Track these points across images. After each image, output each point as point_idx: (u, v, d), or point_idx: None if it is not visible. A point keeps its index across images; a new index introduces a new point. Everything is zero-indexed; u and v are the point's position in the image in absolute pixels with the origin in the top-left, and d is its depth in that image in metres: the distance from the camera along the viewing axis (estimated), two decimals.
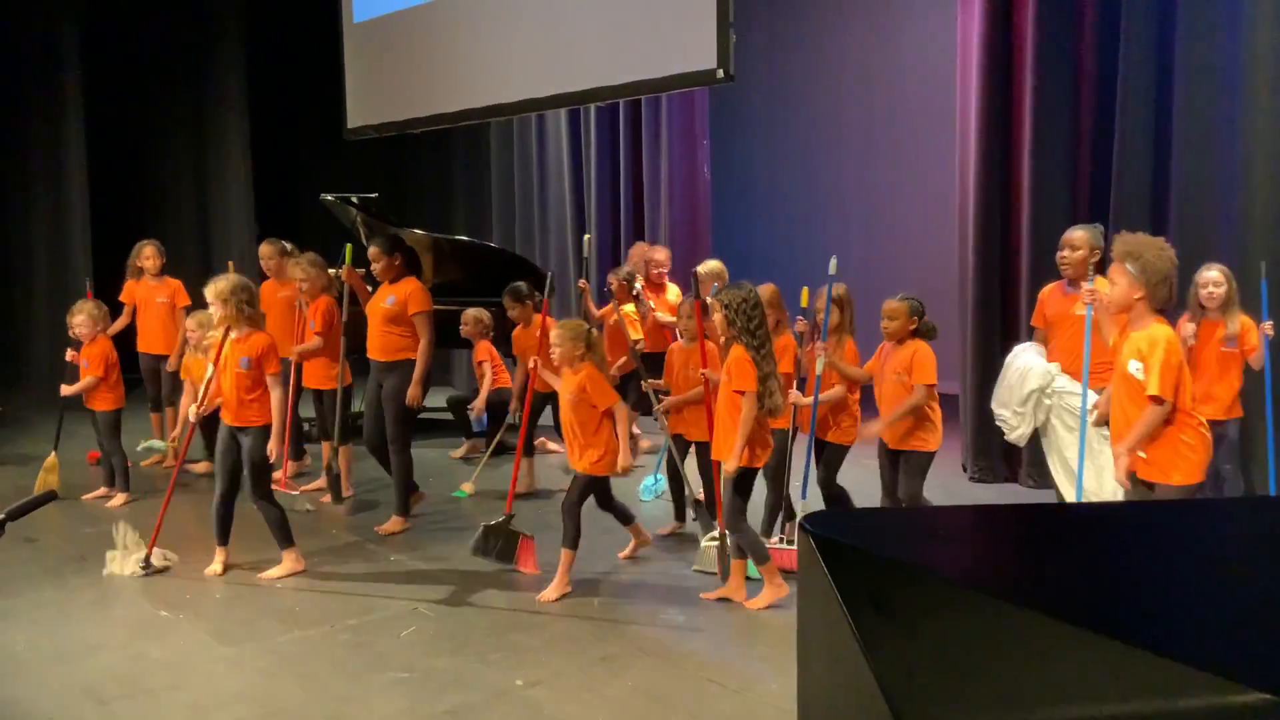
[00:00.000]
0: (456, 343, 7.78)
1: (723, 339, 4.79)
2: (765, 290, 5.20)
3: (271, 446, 5.14)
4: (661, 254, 7.08)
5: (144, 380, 7.56)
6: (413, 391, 5.92)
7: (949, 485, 6.58)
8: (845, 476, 5.38)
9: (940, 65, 8.46)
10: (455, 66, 9.03)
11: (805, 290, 5.49)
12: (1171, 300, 4.04)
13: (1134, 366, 3.89)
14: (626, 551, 5.43)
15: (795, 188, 10.85)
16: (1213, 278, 5.06)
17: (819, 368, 5.15)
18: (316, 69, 10.95)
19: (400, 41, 9.63)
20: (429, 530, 6.04)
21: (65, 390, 6.58)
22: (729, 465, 4.65)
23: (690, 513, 5.76)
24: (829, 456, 5.32)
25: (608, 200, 9.75)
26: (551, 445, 7.58)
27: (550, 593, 4.87)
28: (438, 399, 7.97)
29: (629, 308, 7.02)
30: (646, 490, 6.61)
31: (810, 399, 5.20)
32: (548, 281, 5.92)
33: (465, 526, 5.94)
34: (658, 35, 7.27)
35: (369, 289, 6.48)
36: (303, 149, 12.03)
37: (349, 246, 6.52)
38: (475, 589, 5.01)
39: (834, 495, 5.33)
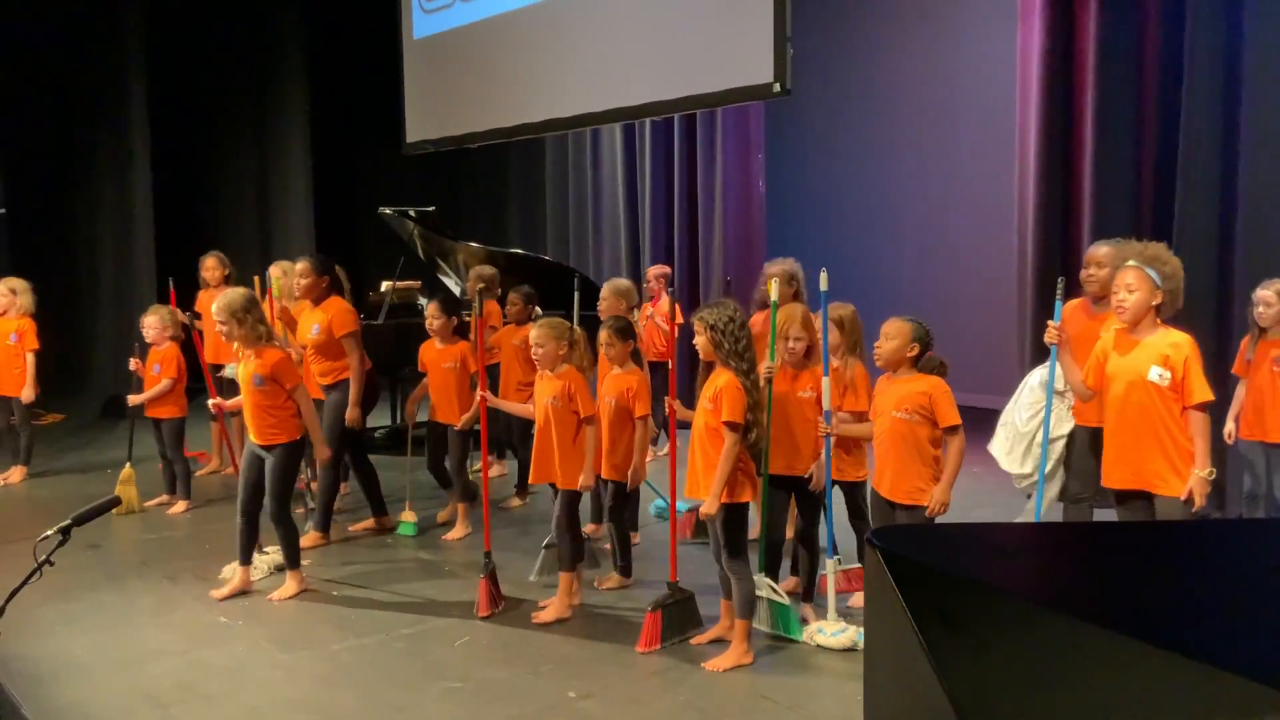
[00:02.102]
0: None
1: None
2: (796, 309, 4.69)
3: (320, 452, 5.14)
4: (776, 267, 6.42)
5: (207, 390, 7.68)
6: (351, 414, 5.82)
7: (1007, 504, 6.48)
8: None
9: (999, 78, 8.39)
10: (512, 82, 9.12)
11: (824, 274, 4.68)
12: (1177, 308, 3.92)
13: (1156, 373, 3.76)
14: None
15: (850, 202, 10.79)
16: (1264, 295, 4.89)
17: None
18: (376, 85, 11.11)
19: (458, 58, 9.74)
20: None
21: (134, 399, 6.70)
22: (709, 506, 4.15)
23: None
24: (814, 501, 4.68)
25: (662, 213, 9.77)
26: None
27: (547, 614, 4.71)
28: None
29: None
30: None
31: (856, 426, 4.60)
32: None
33: (522, 540, 5.97)
34: (714, 49, 7.29)
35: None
36: (362, 163, 12.21)
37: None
38: (528, 600, 5.02)
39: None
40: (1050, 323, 4.24)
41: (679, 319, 7.52)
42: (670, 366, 5.41)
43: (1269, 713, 1.07)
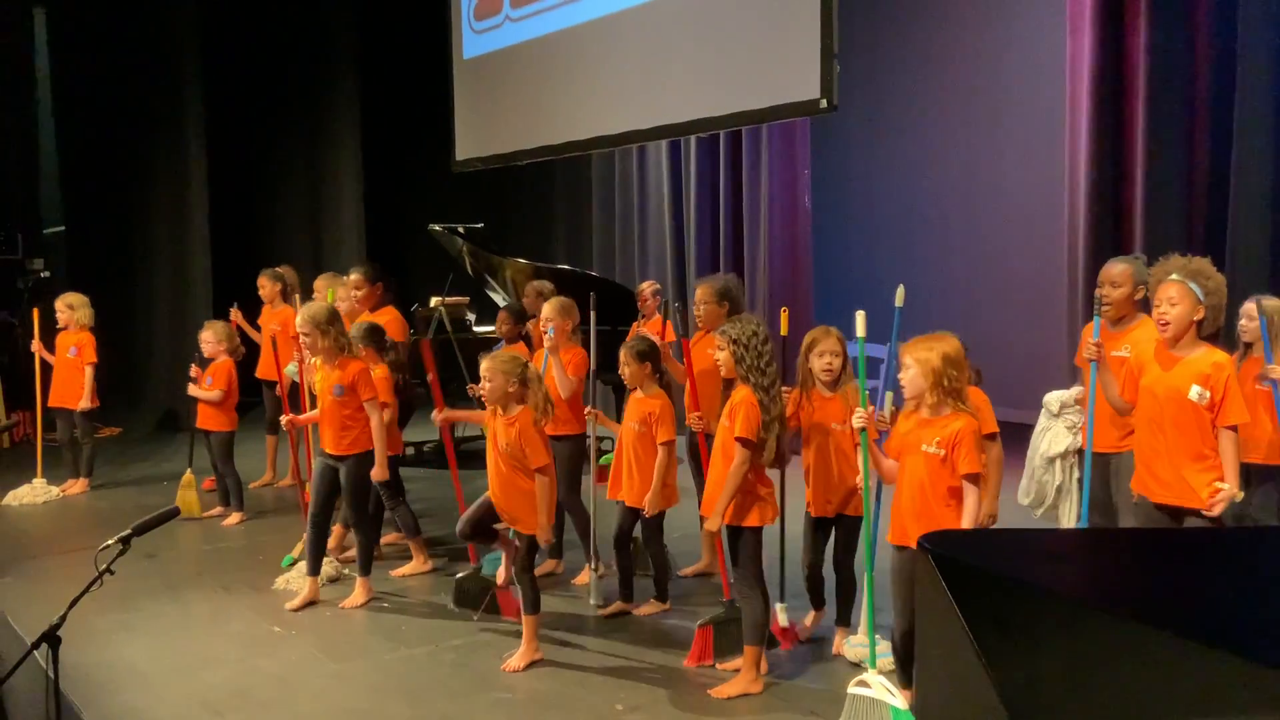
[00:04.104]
0: None
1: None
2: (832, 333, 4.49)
3: (378, 472, 5.13)
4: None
5: (264, 404, 7.86)
6: None
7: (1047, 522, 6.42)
8: None
9: (1047, 91, 8.34)
10: (559, 100, 9.21)
11: (900, 290, 4.55)
12: (1218, 326, 3.85)
13: (1196, 392, 3.69)
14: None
15: (897, 217, 10.75)
16: (1249, 309, 4.64)
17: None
18: (427, 104, 11.27)
19: (507, 77, 9.85)
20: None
21: (191, 390, 6.84)
22: (710, 523, 4.07)
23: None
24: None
25: (707, 229, 9.79)
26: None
27: (517, 660, 4.44)
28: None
29: None
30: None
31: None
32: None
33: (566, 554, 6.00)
34: (761, 66, 7.31)
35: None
36: (412, 181, 12.37)
37: None
38: (578, 612, 5.05)
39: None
40: (1090, 339, 4.15)
41: (671, 336, 7.45)
42: (690, 383, 5.10)
43: None
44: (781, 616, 4.61)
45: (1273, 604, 1.37)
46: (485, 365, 4.43)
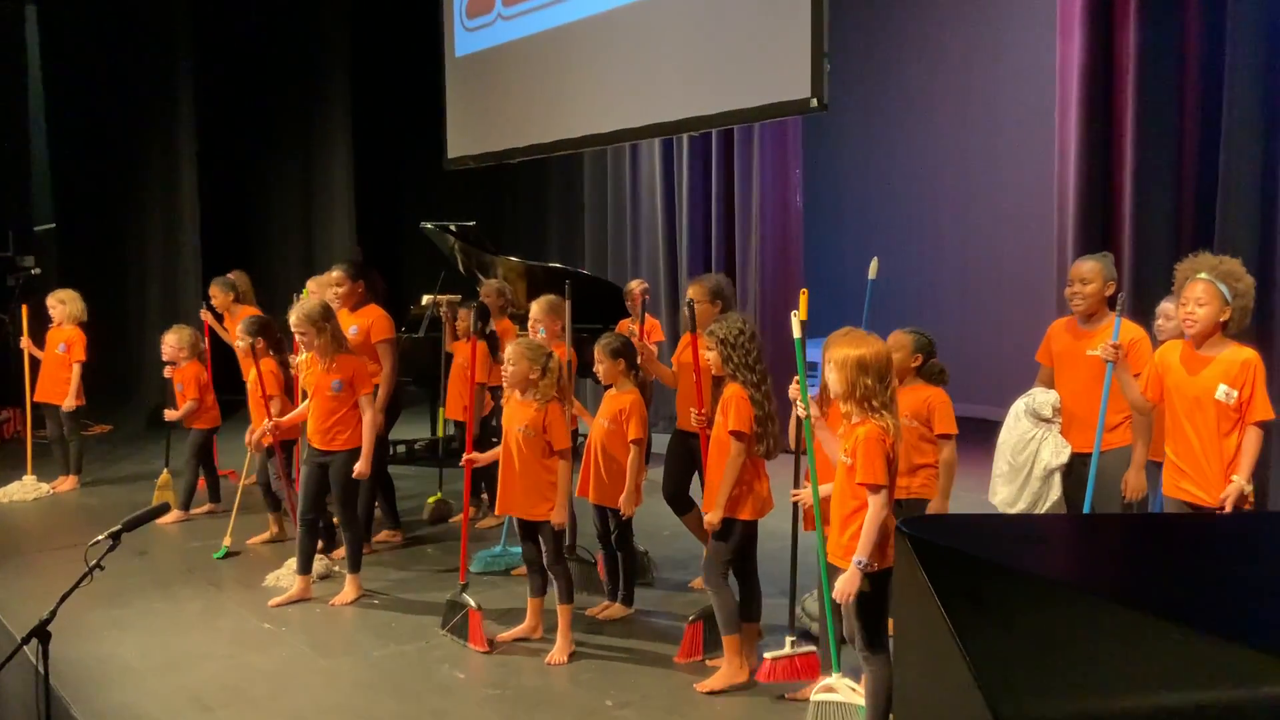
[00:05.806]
0: None
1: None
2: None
3: (361, 467, 5.10)
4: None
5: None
6: (376, 419, 5.67)
7: None
8: None
9: (1038, 94, 8.36)
10: (551, 98, 9.21)
11: (875, 262, 4.78)
12: (1243, 326, 3.81)
13: (1223, 391, 3.67)
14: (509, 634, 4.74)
15: (888, 216, 10.78)
16: (1166, 308, 4.58)
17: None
18: (419, 102, 11.26)
19: (498, 75, 9.85)
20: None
21: (169, 415, 6.85)
22: (712, 516, 4.09)
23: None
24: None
25: (699, 228, 9.81)
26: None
27: (558, 654, 4.48)
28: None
29: None
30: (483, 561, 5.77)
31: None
32: None
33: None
34: (752, 65, 7.33)
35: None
36: (405, 179, 12.37)
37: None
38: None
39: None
40: (1109, 341, 4.10)
41: (659, 335, 7.43)
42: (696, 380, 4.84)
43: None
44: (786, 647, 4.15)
45: (1249, 584, 1.40)
46: (511, 349, 4.48)
